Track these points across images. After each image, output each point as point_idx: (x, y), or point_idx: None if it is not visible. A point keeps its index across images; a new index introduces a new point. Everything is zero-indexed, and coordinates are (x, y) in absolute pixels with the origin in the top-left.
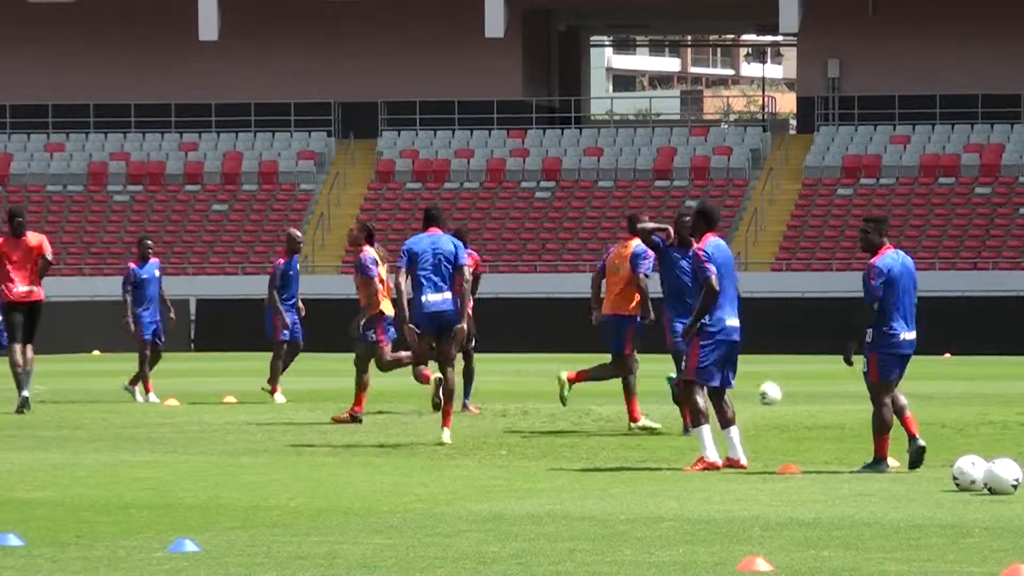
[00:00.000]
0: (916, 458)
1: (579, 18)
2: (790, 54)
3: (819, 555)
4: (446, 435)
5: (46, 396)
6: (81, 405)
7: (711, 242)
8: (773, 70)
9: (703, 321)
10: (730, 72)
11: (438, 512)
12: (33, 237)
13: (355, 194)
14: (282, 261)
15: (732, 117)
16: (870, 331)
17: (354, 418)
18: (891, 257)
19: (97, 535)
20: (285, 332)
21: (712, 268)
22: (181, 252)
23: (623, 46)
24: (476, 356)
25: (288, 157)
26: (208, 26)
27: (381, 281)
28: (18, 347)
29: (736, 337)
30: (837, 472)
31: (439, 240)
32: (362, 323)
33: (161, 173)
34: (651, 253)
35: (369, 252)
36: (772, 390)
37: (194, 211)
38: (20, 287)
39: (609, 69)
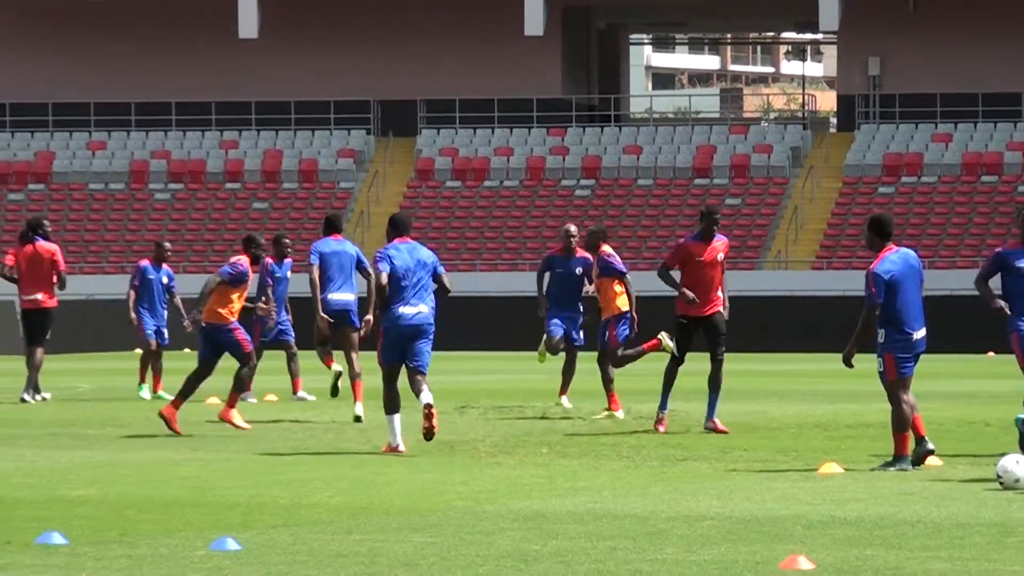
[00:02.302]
0: (920, 461)
1: (619, 16)
2: (830, 52)
3: (862, 554)
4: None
5: (89, 394)
6: (123, 403)
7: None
8: (813, 68)
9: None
10: (770, 70)
11: (479, 510)
12: (47, 247)
13: (394, 192)
14: (270, 261)
15: (772, 115)
16: (882, 332)
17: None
18: (891, 260)
19: (140, 533)
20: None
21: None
22: (221, 250)
23: (662, 44)
24: (522, 354)
25: (328, 155)
26: (248, 24)
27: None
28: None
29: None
30: (879, 470)
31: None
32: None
33: (202, 171)
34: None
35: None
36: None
37: (234, 209)
38: (30, 295)
39: (648, 67)
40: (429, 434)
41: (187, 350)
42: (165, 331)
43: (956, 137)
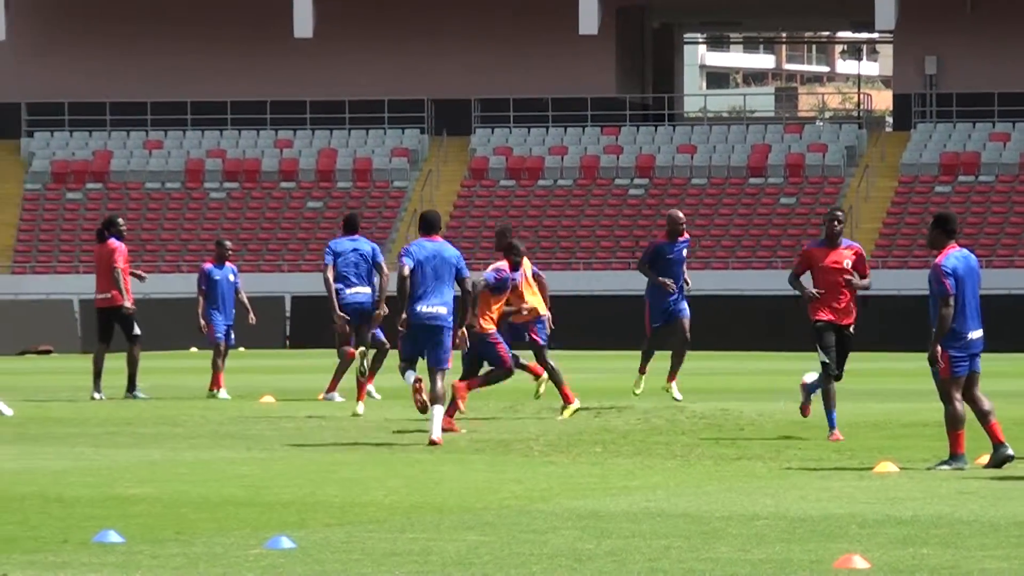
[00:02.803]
0: (999, 465)
1: (673, 15)
2: (886, 51)
3: (917, 552)
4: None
5: (145, 393)
6: (179, 402)
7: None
8: (869, 67)
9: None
10: (825, 69)
11: (532, 509)
12: (111, 246)
13: (448, 191)
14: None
15: (827, 114)
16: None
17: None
18: (955, 257)
19: (195, 531)
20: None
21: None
22: (276, 249)
23: (717, 43)
24: (574, 353)
25: (382, 154)
26: (303, 23)
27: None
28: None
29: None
30: (935, 469)
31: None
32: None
33: (257, 170)
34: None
35: None
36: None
37: (289, 208)
38: (98, 294)
39: (703, 66)
40: (424, 408)
41: (241, 349)
42: (232, 332)
43: (1014, 136)
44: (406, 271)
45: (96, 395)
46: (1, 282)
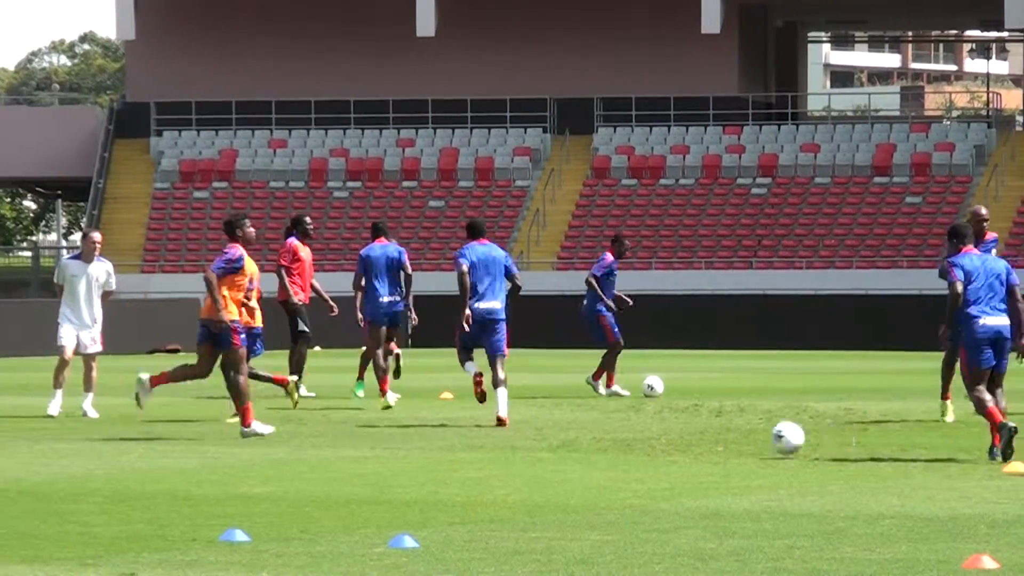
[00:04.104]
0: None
1: (797, 14)
2: (1016, 50)
3: None
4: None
5: (269, 391)
6: (303, 401)
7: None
8: (998, 66)
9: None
10: (952, 68)
11: (655, 508)
12: (288, 245)
13: (570, 190)
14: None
15: (954, 113)
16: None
17: None
18: (967, 258)
19: (319, 530)
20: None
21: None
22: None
23: (841, 42)
24: (689, 352)
25: (504, 153)
26: (426, 22)
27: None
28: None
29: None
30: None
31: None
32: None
33: (379, 169)
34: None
35: None
36: (656, 383)
37: (411, 207)
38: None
39: (827, 65)
40: (482, 397)
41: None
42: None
43: None
44: (464, 268)
45: (303, 393)
46: (130, 281)
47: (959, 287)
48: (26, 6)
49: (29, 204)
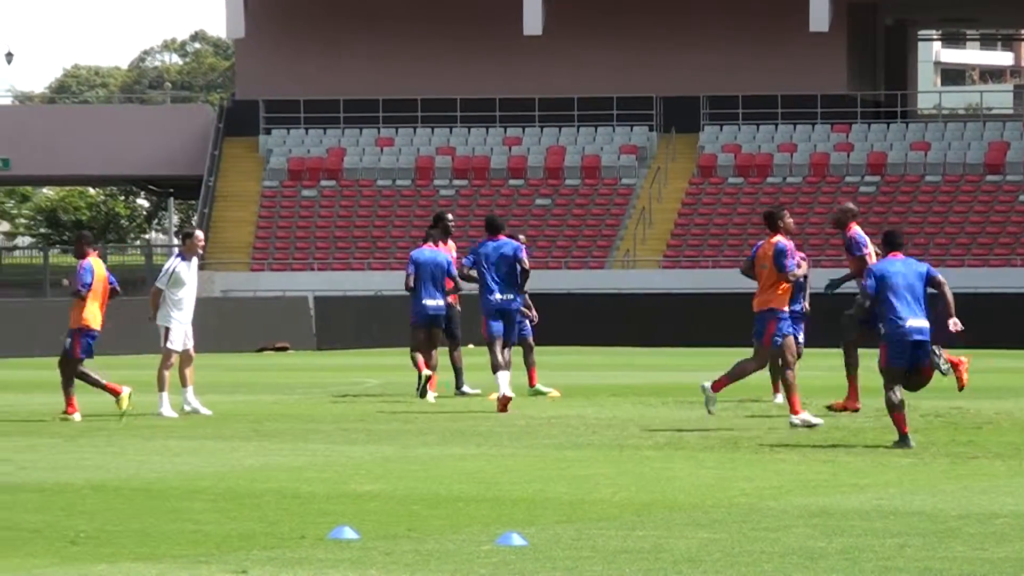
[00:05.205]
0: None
1: (907, 11)
2: None
3: None
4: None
5: (378, 389)
6: (411, 398)
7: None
8: None
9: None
10: None
11: (763, 506)
12: (448, 246)
13: (676, 188)
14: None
15: None
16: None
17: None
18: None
19: (427, 528)
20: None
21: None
22: None
23: (952, 40)
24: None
25: (610, 151)
26: (532, 21)
27: None
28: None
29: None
30: None
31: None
32: None
33: (486, 167)
34: (793, 249)
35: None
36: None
37: (517, 205)
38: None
39: (937, 63)
40: (504, 409)
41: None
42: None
43: None
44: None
45: (466, 389)
46: (240, 279)
47: None
48: (138, 6)
49: (142, 202)
